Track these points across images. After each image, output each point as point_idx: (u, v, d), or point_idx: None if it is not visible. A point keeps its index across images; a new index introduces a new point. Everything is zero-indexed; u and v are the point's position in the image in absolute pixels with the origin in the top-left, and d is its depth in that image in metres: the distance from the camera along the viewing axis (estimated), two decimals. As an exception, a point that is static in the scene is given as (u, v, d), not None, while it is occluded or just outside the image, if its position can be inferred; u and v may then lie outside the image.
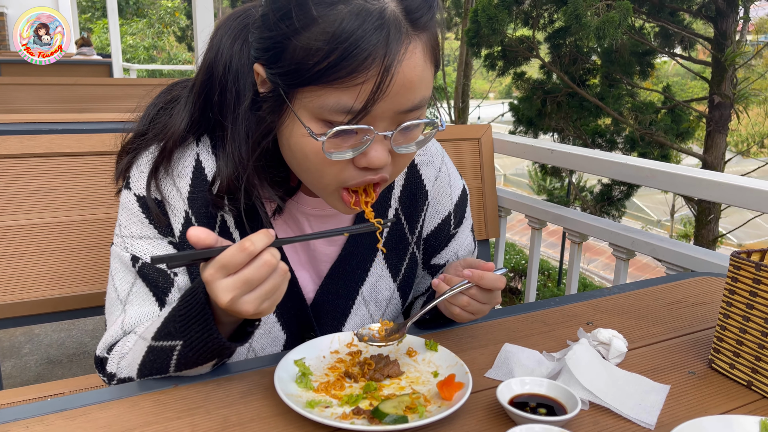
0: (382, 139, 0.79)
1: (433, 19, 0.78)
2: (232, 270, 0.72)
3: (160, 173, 0.91)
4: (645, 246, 1.66)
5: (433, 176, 1.08)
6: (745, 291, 0.90)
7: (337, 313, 1.02)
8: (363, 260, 1.02)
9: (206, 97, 0.87)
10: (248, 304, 0.73)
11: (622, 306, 1.20)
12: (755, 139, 14.70)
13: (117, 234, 0.94)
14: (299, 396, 0.81)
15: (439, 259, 1.12)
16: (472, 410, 0.82)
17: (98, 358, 0.93)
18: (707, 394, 0.89)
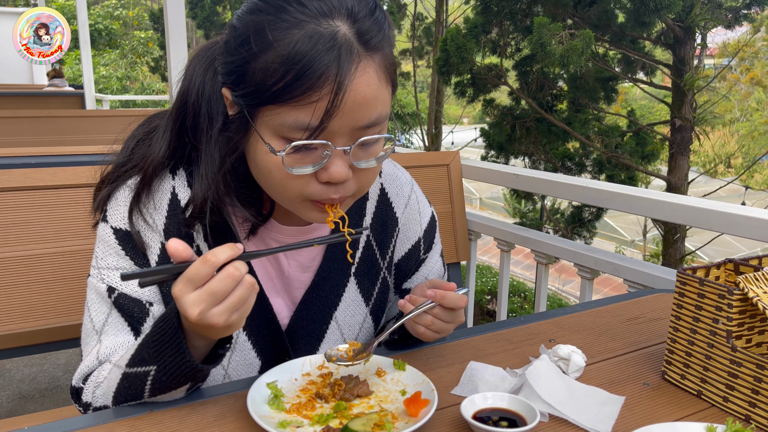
0: (341, 154, 0.83)
1: (384, 41, 0.84)
2: (198, 283, 0.76)
3: (141, 203, 0.94)
4: (607, 265, 1.73)
5: (403, 204, 1.13)
6: (691, 305, 0.96)
7: (312, 338, 1.05)
8: (336, 285, 1.06)
9: (182, 122, 0.92)
10: (217, 316, 0.76)
11: (583, 323, 1.25)
12: (721, 158, 15.15)
13: (93, 266, 0.96)
14: (271, 417, 0.84)
15: (410, 283, 1.17)
16: (437, 425, 0.86)
17: (74, 389, 0.94)
18: (660, 404, 0.95)
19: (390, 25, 0.86)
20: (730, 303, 0.90)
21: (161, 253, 0.95)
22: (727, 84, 17.34)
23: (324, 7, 0.79)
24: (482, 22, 5.99)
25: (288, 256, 1.03)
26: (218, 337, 0.83)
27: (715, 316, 0.92)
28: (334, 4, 0.80)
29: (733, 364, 0.90)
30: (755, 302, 0.88)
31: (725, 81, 17.24)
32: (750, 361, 0.87)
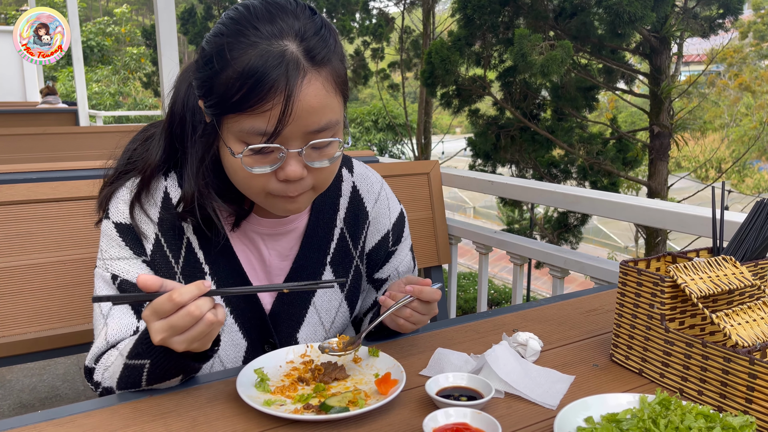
0: (296, 156, 0.95)
1: (331, 55, 0.95)
2: (162, 315, 0.86)
3: (141, 200, 1.07)
4: (575, 264, 1.85)
5: (373, 200, 1.25)
6: (631, 293, 1.08)
7: (292, 321, 1.17)
8: (313, 273, 1.17)
9: (172, 130, 1.06)
10: (178, 344, 0.87)
11: (546, 315, 1.37)
12: (712, 163, 15.32)
13: (99, 258, 1.09)
14: (258, 397, 0.95)
15: (381, 273, 1.28)
16: (406, 402, 0.97)
17: (87, 368, 1.06)
18: (606, 381, 1.06)
19: (336, 41, 0.99)
20: (663, 289, 1.02)
21: (155, 243, 1.08)
22: (716, 90, 17.58)
23: (275, 30, 0.92)
24: (466, 35, 6.16)
25: (268, 246, 1.15)
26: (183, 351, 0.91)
27: (651, 302, 1.04)
28: (284, 27, 0.92)
29: (666, 344, 1.02)
30: (683, 288, 0.99)
31: (714, 87, 17.49)
32: (680, 341, 0.99)
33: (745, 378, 0.89)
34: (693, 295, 0.98)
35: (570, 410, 0.89)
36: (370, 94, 24.84)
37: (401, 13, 10.52)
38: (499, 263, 12.50)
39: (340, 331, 1.24)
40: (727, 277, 1.05)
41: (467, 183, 2.36)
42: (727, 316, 0.97)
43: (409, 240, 1.34)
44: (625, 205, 1.67)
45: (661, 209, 1.58)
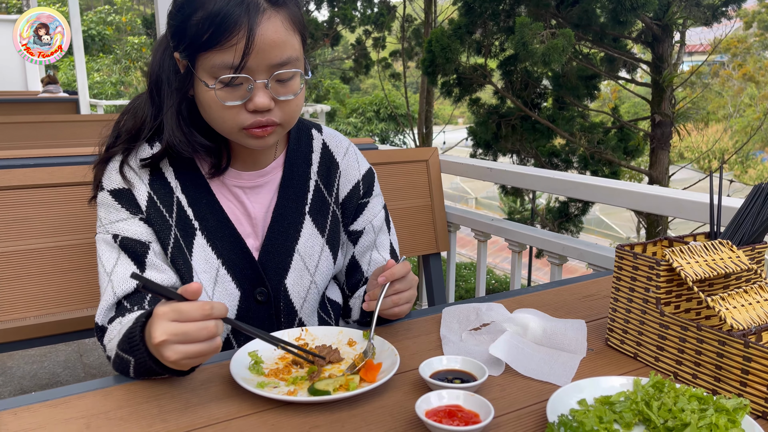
0: (262, 87, 1.05)
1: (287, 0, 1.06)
2: (182, 319, 0.85)
3: (129, 159, 1.15)
4: (574, 251, 1.84)
5: (342, 153, 1.34)
6: (627, 277, 1.07)
7: (280, 268, 1.22)
8: (294, 222, 1.24)
9: (152, 94, 1.15)
10: (173, 352, 0.85)
11: (543, 300, 1.36)
12: (714, 154, 15.28)
13: (98, 226, 1.15)
14: (251, 380, 0.95)
15: (356, 225, 1.34)
16: (399, 385, 0.97)
17: (99, 326, 1.10)
18: (601, 365, 1.06)
19: None
20: (658, 273, 1.01)
21: (148, 200, 1.15)
22: (720, 80, 17.48)
23: None
24: (466, 23, 6.12)
25: (251, 199, 1.22)
26: (164, 363, 0.90)
27: (646, 286, 1.04)
28: None
29: (662, 328, 1.01)
30: (678, 271, 0.99)
31: (717, 77, 17.39)
32: (676, 324, 0.99)
33: (740, 361, 0.89)
34: (689, 279, 0.98)
35: (563, 393, 0.89)
36: (371, 84, 24.77)
37: (403, 2, 10.45)
38: (501, 254, 12.51)
39: (325, 277, 1.29)
40: (724, 261, 1.04)
41: (466, 170, 2.35)
42: (722, 299, 0.97)
43: (382, 199, 1.39)
44: (624, 191, 1.66)
45: (660, 195, 1.58)
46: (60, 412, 0.88)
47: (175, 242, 1.15)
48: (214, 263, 1.17)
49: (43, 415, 0.87)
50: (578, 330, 1.15)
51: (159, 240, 1.15)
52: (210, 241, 1.18)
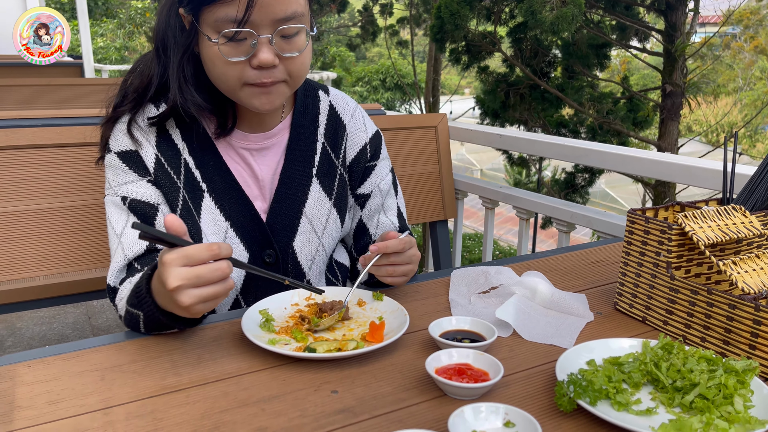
0: (266, 43, 1.04)
1: None
2: (192, 263, 0.84)
3: (137, 118, 1.14)
4: (582, 219, 1.84)
5: (349, 115, 1.32)
6: (638, 242, 1.07)
7: (287, 230, 1.22)
8: (301, 185, 1.24)
9: (158, 52, 1.13)
10: (188, 297, 0.84)
11: (550, 266, 1.37)
12: (723, 127, 15.09)
13: (107, 188, 1.15)
14: (262, 337, 0.96)
15: (363, 189, 1.33)
16: (409, 344, 0.98)
17: (111, 288, 1.10)
18: (609, 328, 1.06)
19: None
20: (670, 237, 1.01)
21: (156, 162, 1.14)
22: (731, 52, 17.18)
23: None
24: (476, -12, 6.00)
25: (258, 161, 1.21)
26: (176, 312, 0.90)
27: (657, 250, 1.03)
28: None
29: (672, 292, 1.01)
30: (690, 236, 0.99)
31: (729, 49, 17.09)
32: (686, 288, 0.99)
33: (750, 324, 0.89)
34: (700, 243, 0.97)
35: (572, 353, 0.90)
36: (378, 52, 24.48)
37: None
38: (505, 225, 12.50)
39: (333, 239, 1.29)
40: (736, 226, 1.04)
41: (475, 137, 2.33)
42: (734, 263, 0.97)
43: (389, 162, 1.38)
44: (635, 158, 1.64)
45: (671, 162, 1.56)
46: (74, 364, 0.89)
47: (184, 204, 1.15)
48: (222, 225, 1.18)
49: (58, 367, 0.88)
50: (581, 300, 1.15)
51: (167, 202, 1.15)
52: (218, 203, 1.17)
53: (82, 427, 0.74)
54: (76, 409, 0.78)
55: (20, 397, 0.80)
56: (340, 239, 1.35)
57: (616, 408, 0.78)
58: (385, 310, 1.06)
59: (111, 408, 0.78)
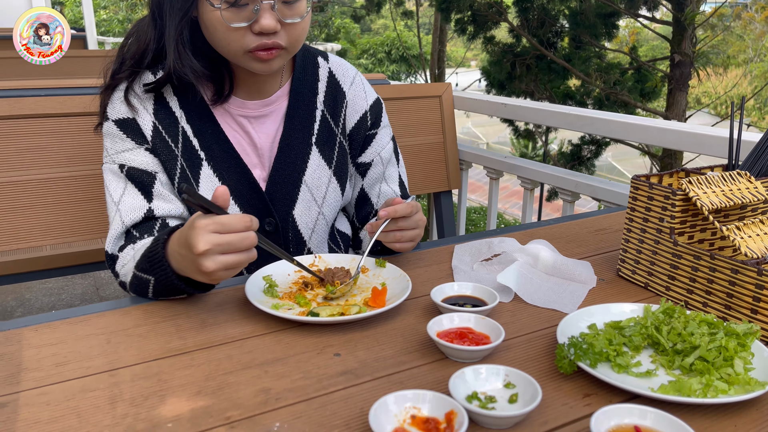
0: (269, 9, 1.03)
1: None
2: (225, 230, 0.85)
3: (135, 89, 1.14)
4: (587, 188, 1.83)
5: (349, 82, 1.31)
6: (641, 208, 1.07)
7: (287, 199, 1.22)
8: (301, 153, 1.23)
9: (153, 12, 1.12)
10: (213, 262, 0.85)
11: (554, 233, 1.36)
12: (732, 100, 14.91)
13: (105, 156, 1.15)
14: (266, 302, 0.97)
15: (364, 157, 1.32)
16: (411, 309, 0.99)
17: (109, 255, 1.11)
18: (612, 294, 1.07)
19: None
20: (674, 203, 1.00)
21: (153, 130, 1.14)
22: (742, 23, 16.88)
23: None
24: (482, -43, 5.90)
25: (256, 129, 1.21)
26: (193, 276, 0.91)
27: (660, 216, 1.03)
28: None
29: (674, 258, 1.01)
30: (694, 201, 0.98)
31: (740, 20, 16.78)
32: (688, 253, 0.99)
33: (752, 289, 0.89)
34: (704, 208, 0.97)
35: (573, 318, 0.90)
36: (383, 24, 24.18)
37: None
38: (510, 199, 12.48)
39: (333, 208, 1.28)
40: (741, 191, 1.03)
41: (480, 106, 2.31)
42: (737, 228, 0.97)
43: (390, 131, 1.37)
44: (640, 126, 1.63)
45: (677, 130, 1.55)
46: (80, 328, 0.91)
47: (182, 172, 1.15)
48: None
49: (64, 331, 0.90)
50: (586, 266, 1.15)
51: (165, 170, 1.15)
52: (216, 171, 1.17)
53: (89, 388, 0.75)
54: (82, 371, 0.79)
55: (27, 359, 0.82)
56: (341, 208, 1.35)
57: (616, 370, 0.79)
58: (388, 277, 1.07)
59: (117, 370, 0.79)
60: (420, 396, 0.69)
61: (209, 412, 0.71)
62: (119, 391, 0.75)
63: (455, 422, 0.65)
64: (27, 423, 0.68)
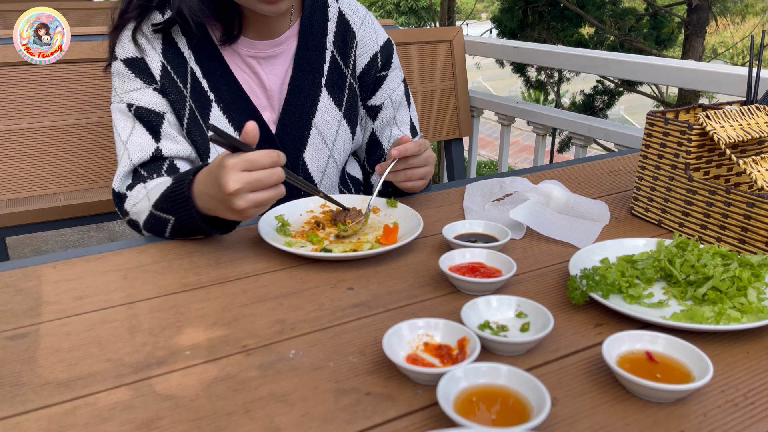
0: None
1: None
2: (254, 168, 0.85)
3: (143, 30, 1.12)
4: (599, 132, 1.80)
5: (359, 22, 1.29)
6: (657, 144, 1.05)
7: (297, 143, 1.22)
8: (310, 95, 1.22)
9: None
10: (244, 201, 0.85)
11: (566, 175, 1.35)
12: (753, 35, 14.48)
13: (113, 96, 1.15)
14: (279, 240, 0.98)
15: (374, 100, 1.31)
16: (422, 247, 0.99)
17: (116, 193, 1.11)
18: (624, 231, 1.06)
19: None
20: (690, 138, 0.99)
21: (162, 70, 1.13)
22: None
23: None
24: None
25: (265, 71, 1.19)
26: (221, 216, 0.92)
27: (676, 151, 1.02)
28: None
29: (689, 193, 1.00)
30: (711, 135, 0.96)
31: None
32: (704, 188, 0.98)
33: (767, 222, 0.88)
34: (721, 142, 0.95)
35: (586, 252, 0.90)
36: (392, -26, 23.57)
37: None
38: (521, 155, 12.37)
39: (344, 152, 1.27)
40: (759, 125, 1.01)
41: (492, 50, 2.26)
42: (754, 162, 0.95)
43: (401, 72, 1.35)
44: (656, 66, 1.59)
45: (694, 69, 1.51)
46: (97, 265, 0.92)
47: (191, 113, 1.14)
48: None
49: (81, 267, 0.91)
50: (600, 205, 1.14)
51: (174, 111, 1.14)
52: (226, 112, 1.16)
53: (108, 319, 0.77)
54: (101, 304, 0.80)
55: (46, 293, 0.83)
56: (351, 152, 1.35)
57: (628, 301, 0.79)
58: (400, 216, 1.07)
59: (134, 303, 0.81)
60: (432, 324, 0.70)
61: (226, 341, 0.72)
62: (137, 322, 0.76)
63: (468, 348, 0.66)
64: (49, 351, 0.70)
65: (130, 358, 0.69)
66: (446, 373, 0.60)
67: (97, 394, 0.62)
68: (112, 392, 0.63)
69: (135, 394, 0.62)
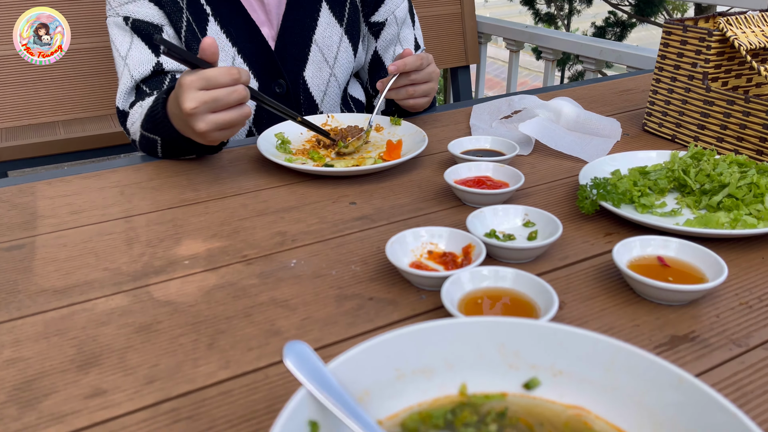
0: None
1: None
2: (210, 86, 0.79)
3: None
4: (611, 54, 1.73)
5: None
6: (673, 54, 1.00)
7: (297, 59, 1.17)
8: (310, 11, 1.17)
9: None
10: (203, 122, 0.80)
11: (578, 95, 1.30)
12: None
13: (108, 9, 1.09)
14: (279, 156, 0.95)
15: (377, 17, 1.25)
16: (428, 164, 0.96)
17: (120, 111, 1.08)
18: (637, 147, 1.02)
19: None
20: (709, 45, 0.94)
21: None
22: None
23: None
24: None
25: None
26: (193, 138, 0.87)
27: (694, 60, 0.97)
28: None
29: (706, 105, 0.96)
30: (732, 41, 0.91)
31: None
32: (721, 98, 0.93)
33: (787, 131, 0.84)
34: (742, 48, 0.90)
35: (597, 163, 0.87)
36: None
37: None
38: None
39: (345, 70, 1.23)
40: (783, 31, 0.96)
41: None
42: (776, 69, 0.90)
43: None
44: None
45: None
46: (94, 182, 0.90)
47: (188, 26, 1.09)
48: (229, 51, 1.12)
49: (78, 184, 0.89)
50: (612, 121, 1.10)
51: (171, 24, 1.09)
52: (224, 27, 1.11)
53: (105, 232, 0.75)
54: (98, 218, 0.79)
55: (42, 208, 0.81)
56: (354, 72, 1.30)
57: (640, 210, 0.76)
58: (404, 133, 1.03)
59: (132, 217, 0.79)
60: (437, 232, 0.68)
61: (225, 251, 0.71)
62: (135, 235, 0.74)
63: (473, 254, 0.64)
64: (44, 261, 0.69)
65: (128, 267, 0.67)
66: (450, 276, 0.58)
67: (94, 300, 0.61)
68: (110, 298, 0.62)
69: (133, 300, 0.61)
